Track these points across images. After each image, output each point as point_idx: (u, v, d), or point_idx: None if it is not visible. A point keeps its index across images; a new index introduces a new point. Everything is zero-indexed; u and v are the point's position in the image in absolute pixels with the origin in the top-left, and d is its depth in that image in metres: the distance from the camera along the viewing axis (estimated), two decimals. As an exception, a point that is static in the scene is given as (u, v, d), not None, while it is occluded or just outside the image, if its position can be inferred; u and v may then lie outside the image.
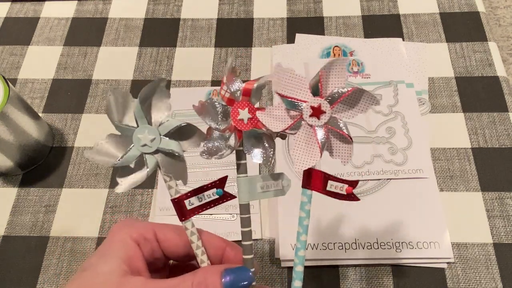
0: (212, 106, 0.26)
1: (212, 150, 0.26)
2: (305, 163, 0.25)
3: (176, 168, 0.27)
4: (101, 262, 0.25)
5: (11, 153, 0.46)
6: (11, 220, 0.46)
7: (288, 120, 0.25)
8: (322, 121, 0.25)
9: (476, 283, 0.42)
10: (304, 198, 0.27)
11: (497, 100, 0.51)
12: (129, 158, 0.26)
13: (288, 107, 0.25)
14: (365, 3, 0.60)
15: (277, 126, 0.25)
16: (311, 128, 0.25)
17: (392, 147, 0.48)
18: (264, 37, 0.58)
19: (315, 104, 0.24)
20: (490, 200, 0.45)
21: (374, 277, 0.42)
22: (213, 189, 0.27)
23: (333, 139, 0.26)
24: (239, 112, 0.26)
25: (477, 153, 0.48)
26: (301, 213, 0.27)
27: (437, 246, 0.42)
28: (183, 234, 0.28)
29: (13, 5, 0.62)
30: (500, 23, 0.88)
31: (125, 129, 0.26)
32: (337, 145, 0.26)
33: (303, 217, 0.27)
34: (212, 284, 0.25)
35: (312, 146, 0.25)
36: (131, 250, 0.26)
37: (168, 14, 0.60)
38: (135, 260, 0.26)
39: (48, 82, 0.55)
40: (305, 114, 0.25)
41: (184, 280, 0.25)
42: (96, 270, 0.25)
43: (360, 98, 0.25)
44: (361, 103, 0.25)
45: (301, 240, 0.27)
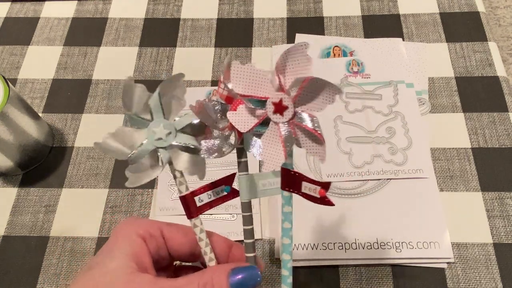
0: (210, 105, 0.25)
1: (212, 149, 0.25)
2: (273, 164, 0.23)
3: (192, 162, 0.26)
4: (108, 259, 0.25)
5: (11, 153, 0.46)
6: (11, 220, 0.46)
7: (253, 120, 0.23)
8: (286, 117, 0.23)
9: (476, 283, 0.42)
10: (283, 200, 0.26)
11: (497, 100, 0.51)
12: (143, 152, 0.25)
13: (253, 106, 0.23)
14: (365, 3, 0.60)
15: (244, 126, 0.23)
16: (276, 125, 0.23)
17: (392, 147, 0.48)
18: (264, 37, 0.58)
19: (277, 100, 0.22)
20: (490, 200, 0.45)
21: (374, 277, 0.42)
22: (222, 186, 0.27)
23: (303, 136, 0.23)
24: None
25: (477, 153, 0.48)
26: (282, 216, 0.27)
27: (437, 246, 0.42)
28: (189, 233, 0.28)
29: (13, 5, 0.62)
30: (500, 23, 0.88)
31: (140, 121, 0.25)
32: (306, 142, 0.24)
33: (283, 220, 0.27)
34: (218, 284, 0.25)
35: (276, 146, 0.23)
36: (137, 246, 0.26)
37: (168, 14, 0.60)
38: (141, 256, 0.26)
39: (48, 82, 0.55)
40: (269, 111, 0.23)
41: (191, 279, 0.25)
42: (103, 268, 0.25)
43: (320, 88, 0.22)
44: (324, 94, 0.22)
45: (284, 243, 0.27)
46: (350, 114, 0.50)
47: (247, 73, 0.23)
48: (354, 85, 0.52)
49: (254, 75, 0.23)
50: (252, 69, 0.22)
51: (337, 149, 0.48)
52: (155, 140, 0.25)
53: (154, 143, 0.25)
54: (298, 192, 0.25)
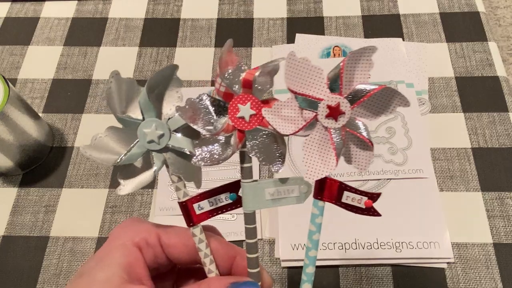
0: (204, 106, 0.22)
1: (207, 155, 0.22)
2: (319, 172, 0.21)
3: (188, 168, 0.23)
4: (98, 268, 0.24)
5: (11, 153, 0.46)
6: (11, 220, 0.46)
7: (300, 121, 0.21)
8: (340, 123, 0.21)
9: (476, 283, 0.42)
10: (315, 210, 0.24)
11: (497, 100, 0.51)
12: (133, 156, 0.23)
13: (301, 105, 0.21)
14: (365, 3, 0.60)
15: (287, 128, 0.21)
16: (326, 130, 0.21)
17: (392, 147, 0.48)
18: (264, 37, 0.58)
19: (333, 103, 0.20)
20: (490, 200, 0.45)
21: (374, 277, 0.42)
22: (226, 193, 0.24)
23: (351, 144, 0.22)
24: (239, 108, 0.22)
25: (477, 153, 0.48)
26: (311, 227, 0.24)
27: (437, 246, 0.42)
28: (190, 239, 0.26)
29: (13, 5, 0.62)
30: (500, 23, 0.88)
31: (129, 122, 0.22)
32: (355, 151, 0.22)
33: (313, 231, 0.24)
34: None
35: (327, 152, 0.21)
36: (132, 256, 0.24)
37: (168, 14, 0.60)
38: (136, 267, 0.24)
39: (48, 82, 0.55)
40: (321, 115, 0.21)
41: None
42: (92, 277, 0.23)
43: (389, 98, 0.21)
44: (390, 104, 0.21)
45: (310, 256, 0.25)
46: (350, 114, 0.50)
47: (302, 68, 0.20)
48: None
49: (309, 72, 0.20)
50: (308, 65, 0.20)
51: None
52: (147, 143, 0.22)
53: (146, 145, 0.23)
54: (335, 202, 0.23)
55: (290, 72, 0.20)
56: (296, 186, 0.24)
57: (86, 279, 0.23)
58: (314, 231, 0.24)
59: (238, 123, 0.22)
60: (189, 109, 0.22)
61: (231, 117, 0.22)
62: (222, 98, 0.22)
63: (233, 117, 0.22)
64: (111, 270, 0.23)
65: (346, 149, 0.22)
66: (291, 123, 0.21)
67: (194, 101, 0.22)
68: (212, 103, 0.22)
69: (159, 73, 0.22)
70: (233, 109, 0.22)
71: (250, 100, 0.22)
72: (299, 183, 0.24)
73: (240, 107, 0.22)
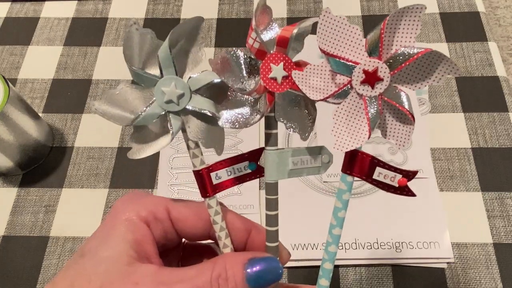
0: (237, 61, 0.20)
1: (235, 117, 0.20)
2: (349, 143, 0.19)
3: (208, 133, 0.21)
4: (104, 246, 0.21)
5: (11, 153, 0.46)
6: (11, 220, 0.46)
7: (331, 87, 0.19)
8: (377, 90, 0.19)
9: (476, 283, 0.42)
10: (343, 185, 0.22)
11: (497, 100, 0.51)
12: (148, 117, 0.20)
13: (334, 69, 0.19)
14: (365, 3, 0.60)
15: (317, 94, 0.19)
16: (360, 98, 0.19)
17: (392, 147, 0.48)
18: (264, 37, 0.58)
19: (370, 68, 0.18)
20: (490, 200, 0.45)
21: (374, 277, 0.42)
22: (245, 162, 0.23)
23: (388, 116, 0.20)
24: (271, 68, 0.20)
25: (477, 153, 0.48)
26: (337, 203, 0.22)
27: (437, 246, 0.42)
28: (202, 212, 0.24)
29: (13, 5, 0.62)
30: (500, 23, 0.88)
31: (146, 78, 0.20)
32: (392, 123, 0.20)
33: (339, 208, 0.22)
34: (232, 277, 0.21)
35: (359, 122, 0.19)
36: (140, 231, 0.22)
37: (168, 14, 0.60)
38: (143, 243, 0.22)
39: (48, 82, 0.55)
40: (355, 80, 0.18)
41: (202, 270, 0.21)
42: (97, 256, 0.21)
43: (435, 64, 0.18)
44: (435, 70, 0.18)
45: (334, 234, 0.23)
46: (350, 114, 0.50)
47: (337, 27, 0.18)
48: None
49: (345, 31, 0.18)
50: (344, 23, 0.18)
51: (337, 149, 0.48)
52: (164, 103, 0.20)
53: (164, 106, 0.20)
54: (366, 178, 0.21)
55: (324, 31, 0.18)
56: (319, 156, 0.23)
57: (90, 258, 0.21)
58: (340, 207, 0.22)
59: (270, 84, 0.20)
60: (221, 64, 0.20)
61: (263, 77, 0.20)
62: (254, 55, 0.21)
63: (265, 77, 0.20)
64: (118, 247, 0.21)
65: (382, 121, 0.20)
66: (322, 88, 0.19)
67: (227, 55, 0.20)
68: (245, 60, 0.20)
69: (182, 25, 0.20)
70: (266, 68, 0.20)
71: (284, 60, 0.20)
72: (321, 152, 0.23)
73: (273, 67, 0.20)
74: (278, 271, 0.22)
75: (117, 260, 0.21)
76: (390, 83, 0.19)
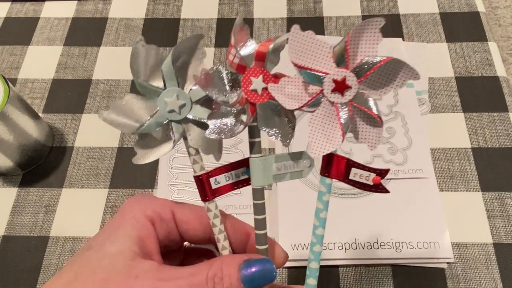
0: (219, 76, 0.22)
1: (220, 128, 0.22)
2: (324, 148, 0.21)
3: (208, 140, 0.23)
4: (109, 241, 0.23)
5: (11, 153, 0.46)
6: (11, 220, 0.46)
7: (305, 96, 0.21)
8: (347, 97, 0.20)
9: (476, 283, 0.42)
10: (323, 187, 0.24)
11: (497, 100, 0.51)
12: (152, 125, 0.22)
13: (306, 80, 0.21)
14: (365, 3, 0.60)
15: (292, 103, 0.21)
16: (332, 105, 0.21)
17: (392, 147, 0.48)
18: (264, 37, 0.58)
19: (339, 77, 0.20)
20: (490, 200, 0.45)
21: (374, 277, 0.42)
22: (243, 168, 0.24)
23: (359, 120, 0.21)
24: (251, 81, 0.22)
25: (477, 153, 0.48)
26: (319, 204, 0.24)
27: (437, 246, 0.42)
28: (205, 216, 0.25)
29: (13, 5, 0.62)
30: (500, 23, 0.88)
31: (150, 89, 0.22)
32: (363, 127, 0.21)
33: (321, 209, 0.24)
34: (228, 277, 0.22)
35: (333, 128, 0.21)
36: (144, 229, 0.23)
37: (168, 14, 0.60)
38: (147, 241, 0.23)
39: (48, 82, 0.55)
40: (326, 89, 0.20)
41: (199, 270, 0.23)
42: (102, 250, 0.22)
43: (397, 70, 0.20)
44: (398, 77, 0.20)
45: (317, 234, 0.24)
46: (350, 114, 0.50)
47: (306, 42, 0.20)
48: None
49: (313, 45, 0.20)
50: (312, 38, 0.20)
51: (337, 149, 0.48)
52: (167, 112, 0.22)
53: (166, 115, 0.22)
54: (343, 179, 0.23)
55: (295, 46, 0.20)
56: (300, 161, 0.24)
57: (96, 252, 0.23)
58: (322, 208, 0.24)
59: (251, 95, 0.22)
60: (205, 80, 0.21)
61: (244, 90, 0.22)
62: (235, 70, 0.22)
63: (246, 89, 0.22)
64: (122, 243, 0.22)
65: (353, 126, 0.22)
66: (296, 98, 0.21)
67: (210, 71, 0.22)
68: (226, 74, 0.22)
69: (184, 42, 0.22)
70: (246, 81, 0.22)
71: (262, 73, 0.22)
72: (302, 157, 0.24)
73: (253, 80, 0.22)
74: (272, 273, 0.23)
75: (121, 254, 0.22)
76: (358, 90, 0.20)
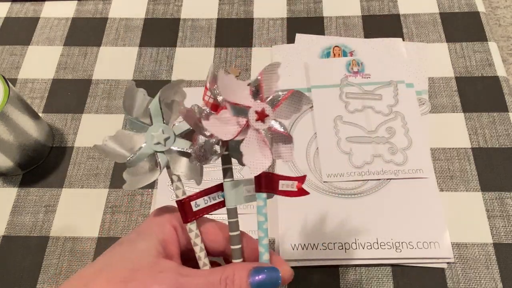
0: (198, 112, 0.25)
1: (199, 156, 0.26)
2: (258, 168, 0.25)
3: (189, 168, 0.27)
4: (139, 239, 0.26)
5: (11, 153, 0.46)
6: (11, 220, 0.46)
7: (236, 127, 0.25)
8: (267, 124, 0.25)
9: (476, 283, 0.42)
10: (261, 202, 0.27)
11: (497, 100, 0.51)
12: (141, 156, 0.26)
13: (234, 114, 0.25)
14: (365, 3, 0.60)
15: (227, 134, 0.24)
16: (257, 132, 0.25)
17: (392, 147, 0.48)
18: (264, 37, 0.58)
19: (259, 109, 0.24)
20: (490, 200, 0.45)
21: (374, 277, 0.42)
22: (219, 192, 0.27)
23: (275, 141, 0.26)
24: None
25: (477, 153, 0.48)
26: (260, 217, 0.27)
27: (437, 246, 0.42)
28: (225, 231, 0.28)
29: (13, 5, 0.62)
30: (500, 23, 0.88)
31: (140, 125, 0.26)
32: (279, 146, 0.26)
33: (263, 221, 0.27)
34: (238, 280, 0.26)
35: (263, 150, 0.25)
36: (168, 234, 0.27)
37: (168, 14, 0.60)
38: (170, 245, 0.27)
39: (48, 82, 0.55)
40: (252, 119, 0.24)
41: (214, 271, 0.26)
42: (132, 245, 0.26)
43: (299, 100, 0.26)
44: (299, 104, 0.26)
45: (264, 244, 0.28)
46: (350, 114, 0.50)
47: (231, 83, 0.24)
48: (354, 85, 0.52)
49: (236, 85, 0.24)
50: (234, 80, 0.24)
51: (337, 149, 0.48)
52: (154, 144, 0.26)
53: (153, 147, 0.26)
54: (275, 191, 0.27)
55: (223, 87, 0.24)
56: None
57: (127, 246, 0.26)
58: (263, 221, 0.28)
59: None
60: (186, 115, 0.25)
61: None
62: (210, 108, 0.26)
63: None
64: (150, 242, 0.26)
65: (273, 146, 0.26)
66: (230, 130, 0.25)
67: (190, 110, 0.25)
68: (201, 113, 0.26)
69: (169, 86, 0.26)
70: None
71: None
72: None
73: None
74: (278, 280, 0.26)
75: (148, 251, 0.25)
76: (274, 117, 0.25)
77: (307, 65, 0.54)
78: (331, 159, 0.48)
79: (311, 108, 0.51)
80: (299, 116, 0.50)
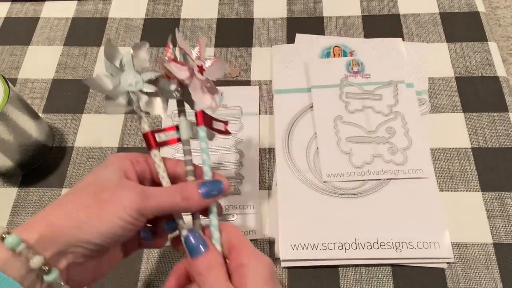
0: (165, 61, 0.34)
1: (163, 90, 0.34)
2: (205, 104, 0.34)
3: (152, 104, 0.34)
4: (103, 169, 0.32)
5: (11, 153, 0.46)
6: (11, 220, 0.46)
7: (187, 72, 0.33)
8: (204, 76, 0.34)
9: (476, 283, 0.42)
10: (202, 132, 0.35)
11: (497, 100, 0.51)
12: (117, 92, 0.33)
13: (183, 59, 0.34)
14: (365, 3, 0.60)
15: (182, 74, 0.33)
16: (199, 80, 0.34)
17: (392, 147, 0.48)
18: (264, 37, 0.58)
19: (200, 64, 0.34)
20: (490, 200, 0.45)
21: (374, 277, 0.42)
22: (173, 130, 0.35)
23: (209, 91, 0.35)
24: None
25: (477, 153, 0.48)
26: (202, 145, 0.35)
27: (437, 246, 0.42)
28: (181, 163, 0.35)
29: (13, 5, 0.62)
30: (500, 23, 0.88)
31: (117, 70, 0.33)
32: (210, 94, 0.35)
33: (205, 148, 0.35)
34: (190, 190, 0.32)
35: (204, 91, 0.34)
36: (126, 165, 0.33)
37: (168, 14, 0.60)
38: (128, 172, 0.32)
39: (48, 82, 0.55)
40: (195, 70, 0.34)
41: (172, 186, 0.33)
42: (99, 173, 0.32)
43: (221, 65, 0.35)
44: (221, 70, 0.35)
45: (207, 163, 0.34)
46: (350, 114, 0.50)
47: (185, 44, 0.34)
48: (354, 85, 0.52)
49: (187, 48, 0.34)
50: (184, 43, 0.34)
51: (337, 149, 0.48)
52: (127, 85, 0.33)
53: (126, 87, 0.33)
54: (211, 127, 0.36)
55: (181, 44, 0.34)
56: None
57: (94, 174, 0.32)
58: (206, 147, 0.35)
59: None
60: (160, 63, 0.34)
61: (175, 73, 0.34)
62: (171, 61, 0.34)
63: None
64: (112, 169, 0.32)
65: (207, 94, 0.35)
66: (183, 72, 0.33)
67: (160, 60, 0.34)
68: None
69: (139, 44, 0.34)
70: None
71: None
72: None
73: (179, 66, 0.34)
74: (222, 189, 0.33)
75: (112, 175, 0.31)
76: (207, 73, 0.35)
77: (307, 65, 0.54)
78: (331, 159, 0.48)
79: (311, 108, 0.51)
80: (299, 116, 0.50)
